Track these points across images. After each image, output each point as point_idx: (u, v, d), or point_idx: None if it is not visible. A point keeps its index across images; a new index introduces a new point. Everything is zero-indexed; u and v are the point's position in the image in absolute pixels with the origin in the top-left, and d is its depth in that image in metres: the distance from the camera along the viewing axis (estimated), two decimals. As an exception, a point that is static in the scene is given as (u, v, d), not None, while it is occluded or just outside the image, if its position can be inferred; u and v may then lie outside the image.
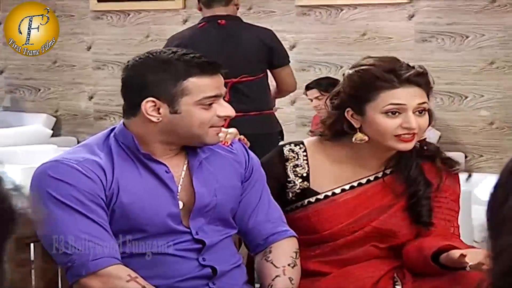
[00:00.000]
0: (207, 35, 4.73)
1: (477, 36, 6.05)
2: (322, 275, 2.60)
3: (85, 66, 7.54)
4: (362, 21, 6.43)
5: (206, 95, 2.34)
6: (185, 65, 2.34)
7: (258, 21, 6.52)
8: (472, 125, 6.10)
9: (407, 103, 2.51)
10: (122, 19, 7.35)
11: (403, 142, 2.53)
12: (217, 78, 2.38)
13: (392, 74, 2.52)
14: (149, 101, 2.32)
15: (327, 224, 2.60)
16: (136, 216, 2.32)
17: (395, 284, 2.54)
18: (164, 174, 2.37)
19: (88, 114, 7.53)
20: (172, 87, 2.32)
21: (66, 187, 2.27)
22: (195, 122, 2.34)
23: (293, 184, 2.63)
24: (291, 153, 2.65)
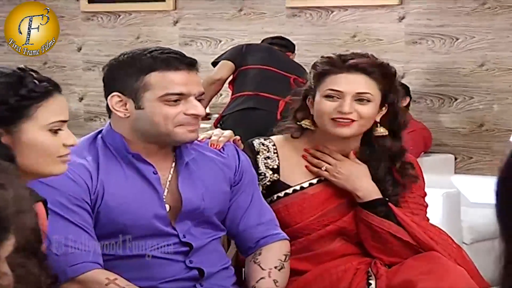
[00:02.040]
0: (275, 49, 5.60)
1: (467, 38, 6.06)
2: (299, 273, 2.62)
3: (76, 67, 7.52)
4: (353, 23, 6.43)
5: (169, 92, 2.29)
6: (150, 59, 2.31)
7: (249, 22, 6.54)
8: (462, 127, 6.10)
9: (344, 90, 2.56)
10: (112, 20, 7.34)
11: (338, 127, 2.57)
12: (185, 74, 2.31)
13: (341, 59, 2.59)
14: (114, 95, 2.33)
15: (297, 217, 2.62)
16: (121, 218, 2.31)
17: (369, 278, 2.55)
18: (151, 175, 2.35)
19: (78, 115, 7.52)
20: (135, 82, 2.30)
21: (51, 191, 2.25)
22: (158, 118, 2.30)
23: (264, 177, 2.65)
24: (262, 146, 2.67)
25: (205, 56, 6.75)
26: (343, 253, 2.65)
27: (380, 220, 2.57)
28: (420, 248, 2.58)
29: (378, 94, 2.59)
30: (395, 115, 2.66)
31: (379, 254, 2.60)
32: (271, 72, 5.25)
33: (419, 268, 2.51)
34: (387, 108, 2.64)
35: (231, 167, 2.49)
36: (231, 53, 5.41)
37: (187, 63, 2.32)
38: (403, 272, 2.53)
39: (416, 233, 2.58)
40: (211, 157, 2.48)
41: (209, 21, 6.93)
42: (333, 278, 2.56)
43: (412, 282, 2.48)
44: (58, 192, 2.26)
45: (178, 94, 2.30)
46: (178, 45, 6.97)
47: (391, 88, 2.63)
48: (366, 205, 2.59)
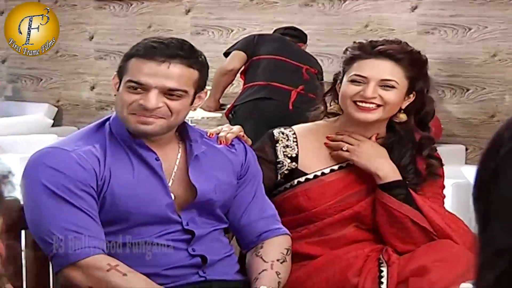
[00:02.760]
0: (288, 40, 5.59)
1: (480, 28, 6.03)
2: (309, 257, 2.63)
3: (87, 56, 7.53)
4: (365, 12, 6.42)
5: (131, 79, 2.29)
6: (138, 45, 2.33)
7: (261, 12, 6.53)
8: (473, 118, 6.08)
9: (369, 75, 2.58)
10: (124, 9, 7.34)
11: (361, 111, 2.58)
12: (155, 64, 2.28)
13: (370, 45, 2.60)
14: (114, 76, 2.36)
15: (315, 202, 2.63)
16: (126, 204, 2.31)
17: (381, 265, 2.56)
18: (153, 162, 2.35)
19: (89, 104, 7.53)
20: (123, 64, 2.33)
21: (58, 176, 2.26)
22: (119, 102, 2.33)
23: (282, 165, 2.66)
24: (281, 135, 2.68)
25: (216, 45, 6.75)
26: (355, 239, 2.65)
27: (399, 204, 2.57)
28: (436, 234, 2.58)
29: (404, 81, 2.59)
30: (423, 103, 2.66)
31: (394, 240, 2.60)
32: (283, 62, 5.25)
33: (433, 255, 2.52)
34: (415, 96, 2.64)
35: (239, 162, 2.50)
36: (243, 44, 5.40)
37: (167, 55, 2.28)
38: (416, 260, 2.53)
39: (434, 218, 2.58)
40: (220, 151, 2.48)
41: (221, 10, 6.93)
42: (343, 265, 2.57)
43: (426, 269, 2.48)
44: (65, 176, 2.27)
45: (136, 83, 2.28)
46: (190, 34, 6.97)
47: (420, 76, 2.62)
48: (386, 186, 2.59)
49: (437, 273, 2.47)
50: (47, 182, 2.27)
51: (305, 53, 5.49)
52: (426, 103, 2.66)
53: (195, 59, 2.34)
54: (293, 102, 5.10)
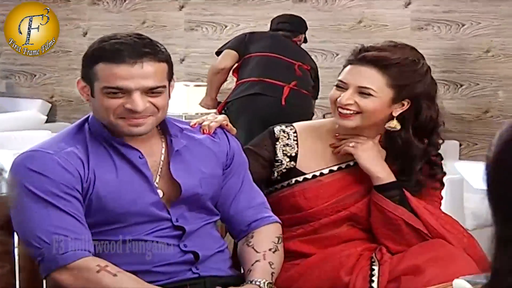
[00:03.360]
0: (280, 36, 5.55)
1: (473, 24, 6.04)
2: (302, 256, 2.63)
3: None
4: (359, 8, 6.42)
5: (107, 85, 2.25)
6: (101, 49, 2.27)
7: (255, 8, 6.53)
8: (467, 113, 6.10)
9: (347, 81, 2.58)
10: (118, 5, 7.33)
11: (341, 118, 2.59)
12: (128, 68, 2.25)
13: (360, 51, 2.59)
14: (79, 80, 2.34)
15: (312, 202, 2.63)
16: (113, 205, 2.29)
17: (372, 264, 2.56)
18: (137, 160, 2.34)
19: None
20: (89, 70, 2.29)
21: (42, 179, 2.24)
22: (101, 108, 2.28)
23: (280, 163, 2.66)
24: (282, 133, 2.68)
25: (210, 41, 6.75)
26: (349, 238, 2.65)
27: (394, 206, 2.57)
28: (430, 235, 2.57)
29: (387, 90, 2.55)
30: (418, 111, 2.59)
31: (387, 241, 2.60)
32: (275, 58, 5.25)
33: (425, 254, 2.52)
34: (410, 104, 2.58)
35: (223, 152, 2.48)
36: (234, 42, 5.41)
37: (136, 55, 2.25)
38: (408, 258, 2.53)
39: (428, 220, 2.57)
40: (202, 142, 2.46)
41: (215, 6, 6.93)
42: (336, 263, 2.57)
43: (419, 267, 2.48)
44: (50, 180, 2.25)
45: (115, 88, 2.26)
46: (184, 30, 6.96)
47: (409, 84, 2.55)
48: (381, 188, 2.59)
49: (429, 272, 2.46)
50: (32, 186, 2.24)
51: (298, 50, 5.48)
52: (422, 110, 2.59)
53: (160, 53, 2.31)
54: (285, 97, 5.10)
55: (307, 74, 5.29)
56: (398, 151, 2.62)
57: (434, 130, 2.64)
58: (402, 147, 2.61)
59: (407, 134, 2.60)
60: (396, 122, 2.59)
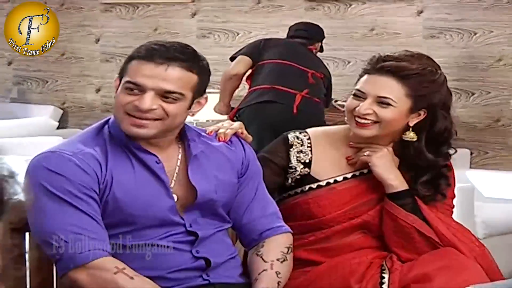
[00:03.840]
0: (296, 43, 5.54)
1: (485, 32, 6.04)
2: (313, 263, 2.62)
3: (93, 59, 7.55)
4: (371, 16, 6.43)
5: (129, 79, 2.29)
6: (140, 48, 2.33)
7: (267, 15, 6.54)
8: (478, 122, 6.09)
9: (366, 91, 2.57)
10: (131, 12, 7.36)
11: (357, 127, 2.58)
12: (153, 67, 2.27)
13: (378, 61, 2.59)
14: (116, 79, 2.37)
15: (326, 210, 2.62)
16: (129, 208, 2.31)
17: (383, 272, 2.55)
18: (154, 165, 2.35)
19: (95, 106, 7.55)
20: (124, 66, 2.34)
21: (60, 179, 2.25)
22: (117, 102, 2.33)
23: (294, 170, 2.66)
24: (296, 140, 2.68)
25: (222, 48, 6.76)
26: (360, 246, 2.64)
27: (406, 214, 2.56)
28: (441, 244, 2.56)
29: (405, 100, 2.54)
30: (433, 121, 2.58)
31: (398, 249, 2.59)
32: (289, 66, 5.24)
33: (435, 263, 2.51)
34: (426, 114, 2.58)
35: (239, 160, 2.49)
36: (248, 48, 5.40)
37: (166, 57, 2.28)
38: (418, 267, 2.52)
39: (440, 228, 2.57)
40: (219, 149, 2.47)
41: (227, 13, 6.94)
42: (346, 271, 2.57)
43: (429, 276, 2.47)
44: (68, 180, 2.26)
45: (134, 83, 2.28)
46: (196, 37, 6.98)
47: (427, 94, 2.55)
48: (394, 196, 2.58)
49: (439, 281, 2.46)
50: (50, 186, 2.26)
51: (313, 57, 5.47)
52: (438, 121, 2.58)
53: (195, 63, 2.33)
54: (297, 105, 5.10)
55: (320, 82, 5.28)
56: (411, 160, 2.62)
57: (447, 140, 2.64)
58: (414, 156, 2.61)
59: (420, 144, 2.60)
60: (413, 133, 2.59)
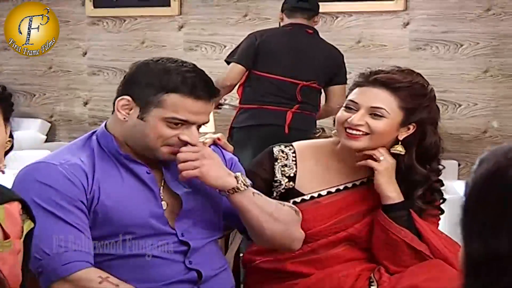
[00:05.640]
0: (294, 37, 5.22)
1: (472, 44, 6.06)
2: (301, 276, 2.63)
3: (81, 72, 7.54)
4: (357, 28, 6.45)
5: (176, 116, 2.30)
6: (178, 80, 2.30)
7: (254, 27, 6.53)
8: (465, 133, 6.11)
9: (359, 102, 2.58)
10: (118, 25, 7.36)
11: (348, 138, 2.58)
12: (201, 104, 2.31)
13: (372, 73, 2.60)
14: (124, 98, 2.34)
15: (310, 224, 2.63)
16: (118, 217, 2.31)
17: (371, 284, 2.56)
18: (144, 175, 2.36)
19: (83, 120, 7.54)
20: (153, 95, 2.30)
21: (48, 191, 2.26)
22: (153, 135, 2.31)
23: (279, 184, 2.66)
24: (281, 154, 2.68)
25: (209, 61, 6.76)
26: (347, 258, 2.65)
27: (398, 228, 2.56)
28: (431, 257, 2.57)
29: (398, 112, 2.56)
30: (423, 136, 2.60)
31: (387, 261, 2.60)
32: (278, 81, 5.16)
33: (424, 274, 2.52)
34: (415, 128, 2.60)
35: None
36: (242, 52, 5.21)
37: (209, 93, 2.32)
38: (407, 278, 2.53)
39: (433, 241, 2.57)
40: None
41: (214, 26, 6.95)
42: (334, 283, 2.57)
43: (417, 287, 2.48)
44: (55, 191, 2.26)
45: (183, 120, 2.31)
46: (183, 50, 6.99)
47: (418, 108, 2.57)
48: (390, 208, 2.58)
49: None
50: (37, 198, 2.25)
51: (310, 58, 5.22)
52: (427, 136, 2.60)
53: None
54: (289, 124, 5.07)
55: (312, 92, 5.21)
56: (401, 175, 2.62)
57: (436, 156, 2.65)
58: (404, 172, 2.61)
59: (410, 159, 2.60)
60: (401, 146, 2.59)
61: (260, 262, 2.69)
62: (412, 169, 2.60)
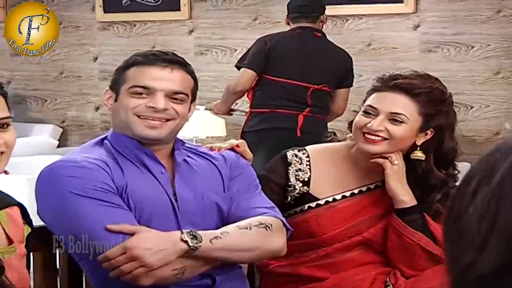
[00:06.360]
0: (303, 41, 5.20)
1: (483, 46, 6.05)
2: (314, 280, 2.62)
3: (92, 77, 7.56)
4: (368, 31, 6.44)
5: (135, 84, 2.33)
6: (136, 57, 2.38)
7: (264, 31, 6.54)
8: (477, 135, 6.10)
9: (379, 107, 2.56)
10: (128, 30, 7.37)
11: (366, 142, 2.56)
12: (159, 69, 2.34)
13: (390, 78, 2.58)
14: (106, 91, 2.41)
15: (325, 229, 2.62)
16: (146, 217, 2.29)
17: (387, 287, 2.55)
18: (159, 174, 2.36)
19: (94, 124, 7.55)
20: (118, 76, 2.38)
21: (83, 182, 2.22)
22: (123, 109, 2.34)
23: (293, 189, 2.65)
24: (295, 158, 2.67)
25: (220, 65, 6.78)
26: (362, 261, 2.64)
27: (412, 231, 2.55)
28: None
29: (417, 117, 2.55)
30: (441, 141, 2.59)
31: (402, 265, 2.59)
32: (289, 84, 5.15)
33: (440, 278, 2.50)
34: (433, 134, 2.59)
35: (224, 165, 2.48)
36: (253, 58, 5.19)
37: (168, 61, 2.35)
38: (423, 282, 2.52)
39: None
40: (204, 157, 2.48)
41: (224, 30, 6.96)
42: (350, 287, 2.56)
43: None
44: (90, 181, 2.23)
45: (142, 87, 2.33)
46: (193, 54, 7.00)
47: (437, 113, 2.56)
48: (404, 212, 2.57)
49: None
50: (74, 190, 2.22)
51: (320, 61, 5.20)
52: (444, 141, 2.59)
53: (191, 69, 2.43)
54: (300, 127, 5.07)
55: (324, 95, 5.21)
56: (417, 180, 2.61)
57: (453, 160, 2.65)
58: (422, 177, 2.60)
59: (429, 164, 2.59)
60: (421, 152, 2.59)
61: (274, 266, 2.68)
62: (430, 174, 2.59)
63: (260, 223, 2.36)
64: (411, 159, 2.60)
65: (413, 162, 2.61)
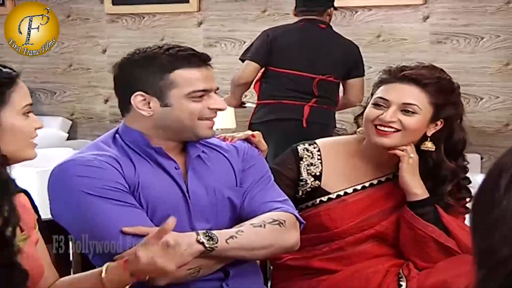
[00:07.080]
0: (306, 33, 5.20)
1: (492, 37, 6.03)
2: (327, 272, 2.63)
3: (101, 69, 7.56)
4: (377, 23, 6.43)
5: (195, 89, 2.32)
6: (170, 58, 2.32)
7: (273, 23, 6.54)
8: (487, 127, 6.08)
9: (390, 99, 2.56)
10: (137, 22, 7.37)
11: (379, 135, 2.56)
12: (204, 70, 2.35)
13: (398, 69, 2.58)
14: (137, 95, 2.33)
15: (338, 222, 2.63)
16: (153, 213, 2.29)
17: (400, 280, 2.55)
18: (173, 170, 2.36)
19: (103, 117, 7.56)
20: (159, 80, 2.31)
21: (92, 181, 2.23)
22: (185, 114, 2.32)
23: (304, 183, 2.65)
24: (306, 152, 2.67)
25: (229, 57, 6.77)
26: (375, 254, 2.64)
27: (424, 224, 2.55)
28: (459, 252, 2.55)
29: (428, 107, 2.55)
30: (451, 132, 2.60)
31: (415, 257, 2.59)
32: (295, 75, 5.17)
33: (453, 270, 2.50)
34: (443, 124, 2.59)
35: (237, 156, 2.48)
36: (256, 50, 5.23)
37: (203, 59, 2.36)
38: (436, 274, 2.52)
39: (460, 235, 2.56)
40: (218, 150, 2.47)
41: (233, 22, 6.95)
42: (363, 279, 2.56)
43: (446, 283, 2.47)
44: (99, 180, 2.24)
45: (202, 90, 2.33)
46: (203, 46, 6.99)
47: (447, 103, 2.57)
48: (416, 204, 2.57)
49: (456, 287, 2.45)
50: (87, 189, 2.23)
51: (325, 53, 5.21)
52: (454, 132, 2.60)
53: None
54: (306, 118, 5.07)
55: (330, 85, 5.21)
56: (428, 171, 2.61)
57: (462, 151, 2.65)
58: (433, 168, 2.60)
59: (439, 155, 2.60)
60: (431, 143, 2.59)
61: (287, 259, 2.68)
62: (442, 164, 2.60)
63: (273, 220, 2.37)
64: (421, 151, 2.60)
65: (423, 154, 2.61)
